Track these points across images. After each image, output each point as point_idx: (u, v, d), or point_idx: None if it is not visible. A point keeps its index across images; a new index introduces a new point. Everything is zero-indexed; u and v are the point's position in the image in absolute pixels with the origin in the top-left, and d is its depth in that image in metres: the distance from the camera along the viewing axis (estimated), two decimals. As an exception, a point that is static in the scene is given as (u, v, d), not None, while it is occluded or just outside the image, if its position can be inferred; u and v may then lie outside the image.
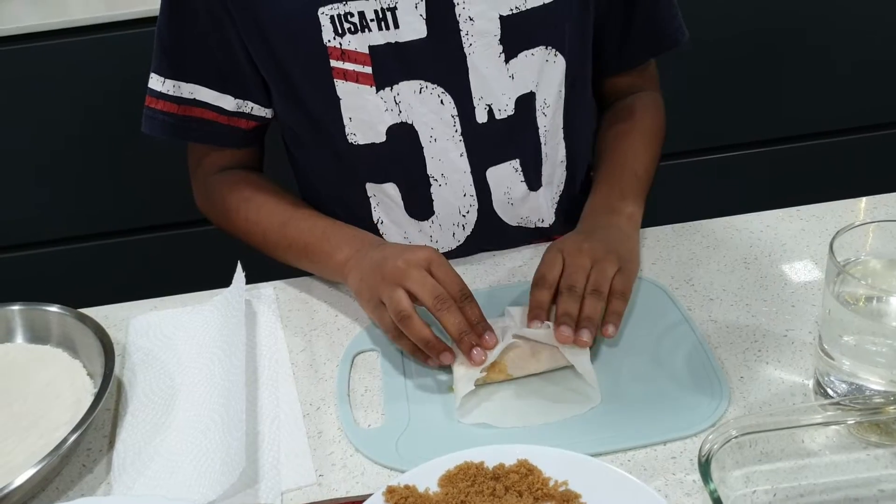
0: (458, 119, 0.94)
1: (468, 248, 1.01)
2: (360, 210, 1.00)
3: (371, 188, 0.99)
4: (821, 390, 0.75)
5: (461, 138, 0.95)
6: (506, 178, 0.98)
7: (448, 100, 0.93)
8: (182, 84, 0.95)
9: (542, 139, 0.98)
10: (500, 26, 0.90)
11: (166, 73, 0.95)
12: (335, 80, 0.91)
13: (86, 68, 1.59)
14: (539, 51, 0.93)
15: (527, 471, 0.69)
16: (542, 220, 1.03)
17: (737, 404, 0.77)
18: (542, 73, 0.95)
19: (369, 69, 0.90)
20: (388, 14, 0.88)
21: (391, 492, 0.67)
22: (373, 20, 0.88)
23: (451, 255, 1.00)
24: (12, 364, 0.86)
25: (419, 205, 0.99)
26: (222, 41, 0.93)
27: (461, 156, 0.96)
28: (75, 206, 1.74)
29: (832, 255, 0.70)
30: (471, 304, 0.82)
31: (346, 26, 0.88)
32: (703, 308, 0.88)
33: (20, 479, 0.69)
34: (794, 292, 0.89)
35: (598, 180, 1.00)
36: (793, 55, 1.77)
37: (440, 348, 0.81)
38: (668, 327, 0.85)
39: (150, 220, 1.78)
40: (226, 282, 0.93)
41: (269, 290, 0.97)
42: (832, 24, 1.74)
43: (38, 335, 0.88)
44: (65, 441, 0.72)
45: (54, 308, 0.88)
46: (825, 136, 1.88)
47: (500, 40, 0.91)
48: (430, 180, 0.97)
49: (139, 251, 1.81)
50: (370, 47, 0.89)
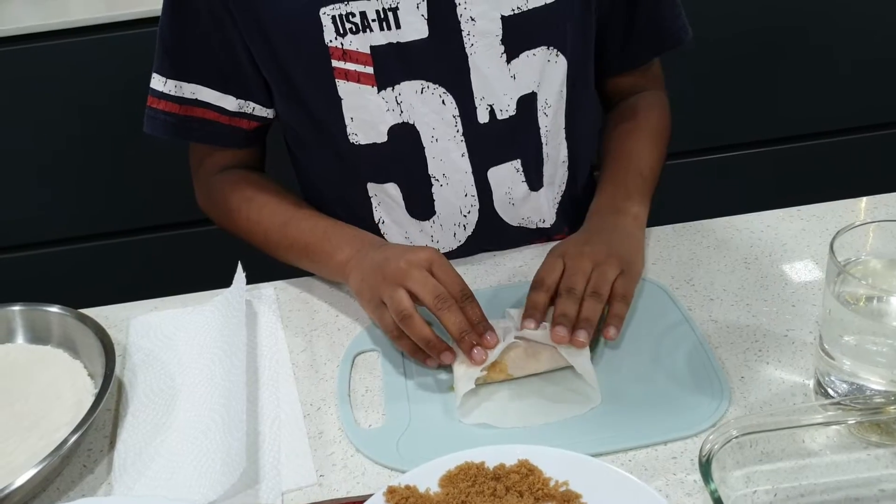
0: (459, 119, 0.94)
1: (469, 249, 1.01)
2: (362, 210, 1.00)
3: (372, 188, 0.99)
4: (821, 390, 0.75)
5: (462, 138, 0.95)
6: (507, 178, 0.98)
7: (449, 100, 0.93)
8: (184, 84, 0.95)
9: (544, 139, 0.98)
10: (501, 26, 0.90)
11: (168, 74, 0.96)
12: (336, 80, 0.91)
13: (87, 69, 1.59)
14: (541, 51, 0.93)
15: (527, 471, 0.69)
16: (543, 221, 1.03)
17: (737, 404, 0.77)
18: (544, 73, 0.95)
19: (371, 69, 0.90)
20: (390, 14, 0.88)
21: (392, 492, 0.67)
22: (374, 20, 0.88)
23: (452, 255, 1.00)
24: (13, 365, 0.86)
25: (420, 205, 0.99)
26: (224, 41, 0.93)
27: (462, 156, 0.96)
28: (76, 206, 1.74)
29: (832, 254, 0.70)
30: (471, 303, 0.82)
31: (348, 26, 0.89)
32: (704, 308, 0.88)
33: (21, 480, 0.69)
34: (794, 292, 0.89)
35: (602, 180, 1.00)
36: (793, 55, 1.76)
37: (441, 348, 0.81)
38: (668, 327, 0.85)
39: (151, 220, 1.78)
40: (226, 282, 0.93)
41: (269, 290, 0.97)
42: (833, 24, 1.74)
43: (38, 336, 0.88)
44: (65, 441, 0.72)
45: (55, 308, 0.88)
46: (825, 135, 1.88)
47: (501, 40, 0.91)
48: (432, 180, 0.97)
49: (139, 251, 1.81)
50: (372, 47, 0.89)
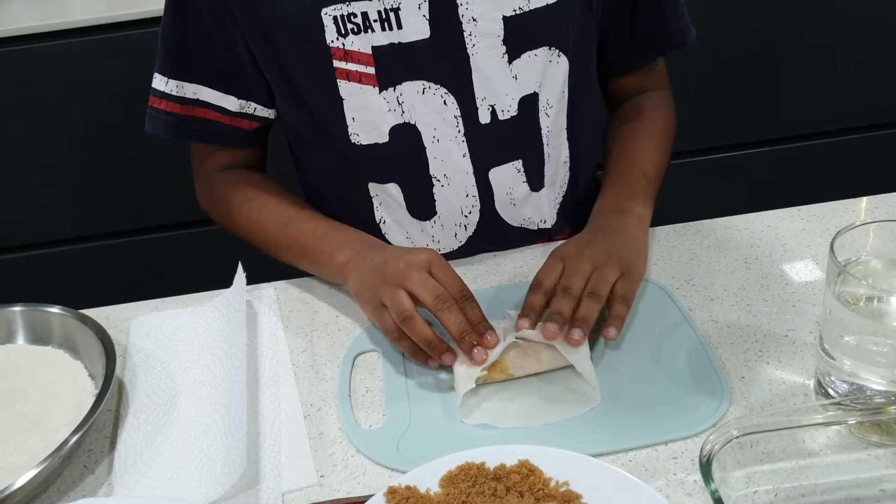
0: (460, 119, 0.94)
1: (470, 249, 1.01)
2: (363, 210, 1.00)
3: (374, 188, 0.99)
4: (822, 390, 0.75)
5: (464, 139, 0.95)
6: (508, 178, 0.98)
7: (451, 100, 0.93)
8: (185, 84, 0.96)
9: (545, 139, 0.98)
10: (503, 27, 0.90)
11: (170, 74, 0.96)
12: (338, 80, 0.91)
13: (87, 69, 1.59)
14: (542, 51, 0.93)
15: (528, 471, 0.69)
16: (544, 221, 1.03)
17: (738, 404, 0.77)
18: (546, 73, 0.95)
19: (372, 70, 0.90)
20: (392, 14, 0.88)
21: (392, 492, 0.67)
22: (376, 21, 0.88)
23: (453, 255, 1.00)
24: (14, 365, 0.86)
25: (421, 205, 0.99)
26: (226, 42, 0.93)
27: (464, 156, 0.96)
28: (76, 207, 1.74)
29: (833, 255, 0.70)
30: (471, 304, 0.82)
31: (350, 27, 0.88)
32: (704, 308, 0.88)
33: (21, 481, 0.69)
34: (794, 292, 0.89)
35: (606, 181, 1.00)
36: (793, 55, 1.76)
37: (442, 348, 0.81)
38: (668, 327, 0.85)
39: (151, 221, 1.78)
40: (227, 282, 0.93)
41: (269, 290, 0.97)
42: (833, 24, 1.73)
43: (39, 336, 0.89)
44: (66, 442, 0.72)
45: (55, 309, 0.88)
46: (826, 135, 1.88)
47: (503, 41, 0.91)
48: (433, 181, 0.97)
49: (140, 252, 1.81)
50: (373, 48, 0.89)
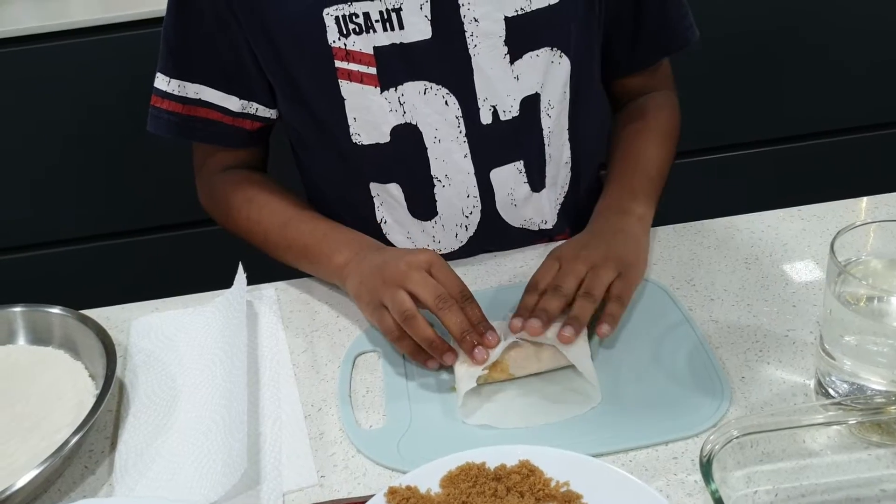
0: (462, 120, 0.94)
1: (471, 249, 1.01)
2: (364, 210, 1.00)
3: (375, 188, 0.99)
4: (822, 390, 0.75)
5: (465, 139, 0.95)
6: (509, 179, 0.98)
7: (453, 101, 0.93)
8: (187, 84, 0.96)
9: (546, 140, 0.98)
10: (505, 27, 0.90)
11: (172, 73, 0.96)
12: (340, 80, 0.91)
13: (87, 70, 1.59)
14: (544, 52, 0.93)
15: (528, 471, 0.69)
16: (545, 222, 1.03)
17: (738, 404, 0.77)
18: (547, 74, 0.95)
19: (374, 70, 0.90)
20: (393, 15, 0.88)
21: (393, 493, 0.67)
22: (378, 21, 0.88)
23: (454, 255, 1.00)
24: (14, 366, 0.86)
25: (422, 205, 0.99)
26: (228, 42, 0.93)
27: (465, 157, 0.96)
28: (76, 207, 1.74)
29: (833, 255, 0.70)
30: (471, 304, 0.82)
31: (351, 27, 0.88)
32: (704, 308, 0.88)
33: (22, 481, 0.69)
34: (795, 292, 0.89)
35: (609, 181, 1.00)
36: (794, 55, 1.76)
37: (443, 349, 0.81)
38: (669, 327, 0.85)
39: (151, 221, 1.78)
40: (227, 283, 0.93)
41: (270, 290, 0.97)
42: (833, 24, 1.73)
43: (39, 337, 0.89)
44: (67, 443, 0.72)
45: (56, 310, 0.88)
46: (826, 135, 1.88)
47: (505, 41, 0.91)
48: (434, 181, 0.97)
49: (140, 252, 1.81)
50: (375, 48, 0.89)
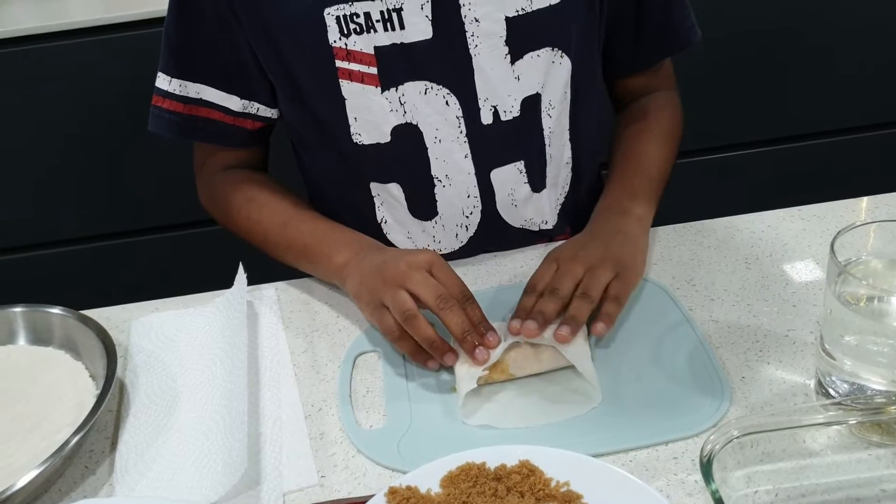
0: (463, 120, 0.94)
1: (471, 250, 1.01)
2: (364, 210, 1.00)
3: (375, 188, 0.99)
4: (822, 390, 0.75)
5: (466, 139, 0.95)
6: (510, 179, 0.98)
7: (453, 101, 0.93)
8: (188, 84, 0.96)
9: (547, 140, 0.98)
10: (505, 27, 0.90)
11: (173, 73, 0.96)
12: (340, 80, 0.91)
13: (88, 70, 1.59)
14: (545, 52, 0.93)
15: (528, 471, 0.69)
16: (545, 222, 1.03)
17: (738, 404, 0.77)
18: (548, 74, 0.94)
19: (374, 70, 0.90)
20: (394, 15, 0.88)
21: (393, 493, 0.67)
22: (378, 21, 0.88)
23: (454, 255, 1.00)
24: (15, 366, 0.86)
25: (423, 205, 0.99)
26: (229, 42, 0.93)
27: (465, 157, 0.96)
28: (77, 208, 1.74)
29: (833, 255, 0.70)
30: (472, 304, 0.82)
31: (352, 27, 0.89)
32: (705, 308, 0.88)
33: (23, 481, 0.69)
34: (795, 292, 0.89)
35: (609, 181, 1.00)
36: (794, 55, 1.76)
37: (444, 349, 0.81)
38: (669, 327, 0.85)
39: (151, 221, 1.78)
40: (227, 283, 0.93)
41: (270, 291, 0.97)
42: (834, 24, 1.73)
43: (40, 337, 0.89)
44: (67, 443, 0.72)
45: (56, 310, 0.88)
46: (826, 135, 1.88)
47: (505, 41, 0.91)
48: (435, 181, 0.97)
49: (141, 253, 1.81)
50: (376, 48, 0.89)
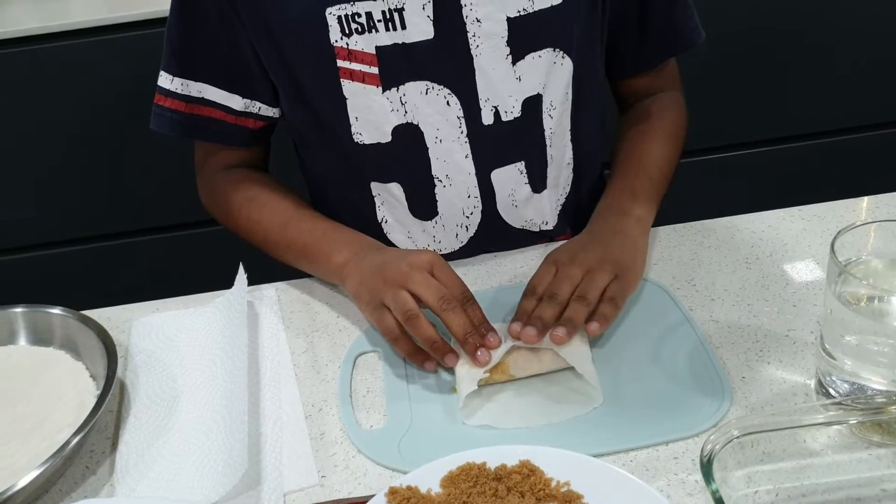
0: (463, 120, 0.94)
1: (471, 250, 1.01)
2: (365, 209, 1.00)
3: (376, 187, 0.99)
4: (823, 390, 0.75)
5: (467, 140, 0.95)
6: (510, 180, 0.98)
7: (454, 101, 0.93)
8: (190, 83, 0.96)
9: (548, 141, 0.98)
10: (507, 28, 0.90)
11: (175, 72, 0.96)
12: (342, 80, 0.91)
13: (88, 71, 1.59)
14: (546, 53, 0.93)
15: (529, 471, 0.69)
16: (546, 223, 1.03)
17: (738, 404, 0.77)
18: (550, 75, 0.94)
19: (376, 69, 0.90)
20: (396, 15, 0.88)
21: (393, 493, 0.67)
22: (380, 21, 0.88)
23: (454, 256, 1.00)
24: (15, 366, 0.86)
25: (423, 205, 0.99)
26: (231, 42, 0.93)
27: (466, 157, 0.96)
28: (76, 208, 1.74)
29: (833, 254, 0.70)
30: (473, 306, 0.82)
31: (354, 27, 0.89)
32: (705, 308, 0.88)
33: (23, 481, 0.69)
34: (795, 292, 0.89)
35: (610, 182, 1.00)
36: (794, 55, 1.76)
37: (445, 350, 0.81)
38: (669, 327, 0.85)
39: (152, 221, 1.78)
40: (228, 283, 0.93)
41: (270, 291, 0.97)
42: (834, 24, 1.73)
43: (40, 337, 0.89)
44: (68, 443, 0.72)
45: (57, 310, 0.88)
46: (826, 135, 1.88)
47: (507, 42, 0.91)
48: (435, 181, 0.97)
49: (141, 253, 1.81)
50: (377, 48, 0.89)
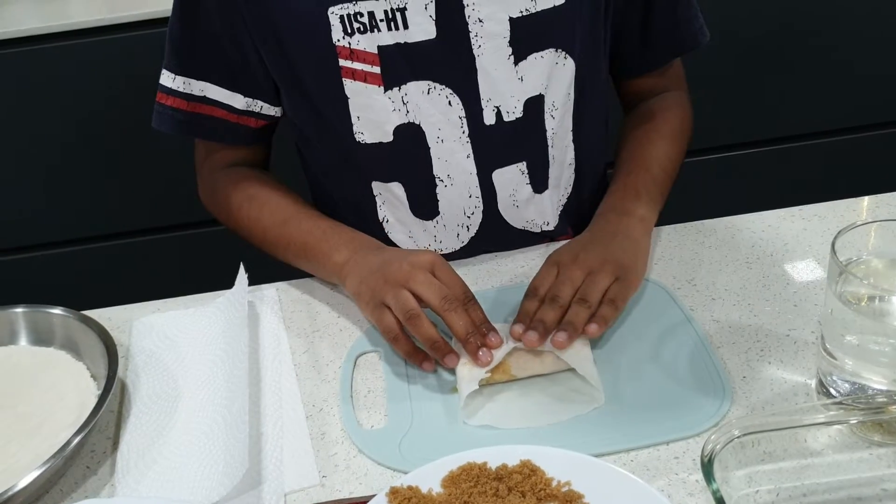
0: (465, 120, 0.94)
1: (472, 250, 1.01)
2: (366, 208, 1.00)
3: (377, 187, 0.99)
4: (823, 390, 0.75)
5: (468, 140, 0.95)
6: (512, 180, 0.98)
7: (456, 101, 0.93)
8: (192, 81, 0.96)
9: (550, 142, 0.98)
10: (509, 28, 0.90)
11: (177, 70, 0.96)
12: (344, 79, 0.91)
13: (88, 70, 1.59)
14: (548, 53, 0.93)
15: (530, 471, 0.69)
16: (547, 223, 1.03)
17: (739, 404, 0.77)
18: (552, 75, 0.94)
19: (378, 69, 0.90)
20: (398, 14, 0.88)
21: (394, 493, 0.67)
22: (382, 20, 0.88)
23: (455, 256, 1.00)
24: (16, 366, 0.86)
25: (424, 205, 0.99)
26: (234, 41, 0.93)
27: (468, 157, 0.96)
28: (77, 208, 1.74)
29: (834, 254, 0.70)
30: (474, 306, 0.82)
31: (356, 26, 0.89)
32: (706, 308, 0.88)
33: (24, 482, 0.69)
34: (796, 292, 0.89)
35: (613, 182, 1.00)
36: (794, 55, 1.76)
37: (445, 350, 0.81)
38: (670, 327, 0.85)
39: (152, 222, 1.78)
40: (228, 283, 0.93)
41: (271, 291, 0.98)
42: (833, 25, 1.74)
43: (41, 337, 0.89)
44: (69, 443, 0.72)
45: (58, 310, 0.88)
46: (827, 135, 1.88)
47: (509, 42, 0.91)
48: (437, 181, 0.97)
49: (141, 253, 1.81)
50: (379, 47, 0.89)
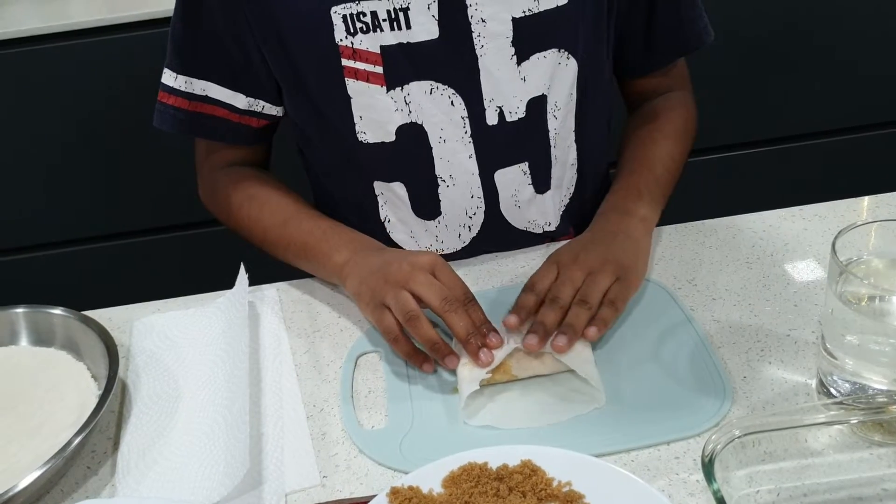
0: (468, 120, 0.94)
1: (473, 250, 1.01)
2: (368, 208, 1.00)
3: (379, 186, 0.99)
4: (824, 390, 0.75)
5: (471, 140, 0.95)
6: (514, 180, 0.98)
7: (459, 101, 0.93)
8: (194, 80, 0.96)
9: (552, 142, 0.98)
10: (512, 28, 0.90)
11: (179, 69, 0.96)
12: (346, 78, 0.91)
13: (88, 71, 1.59)
14: (551, 53, 0.93)
15: (530, 471, 0.69)
16: (548, 224, 1.02)
17: (740, 404, 0.77)
18: (554, 75, 0.94)
19: (380, 69, 0.90)
20: (401, 14, 0.88)
21: (395, 493, 0.67)
22: (385, 20, 0.88)
23: (456, 256, 1.00)
24: (17, 367, 0.86)
25: (426, 205, 0.99)
26: (236, 40, 0.93)
27: (470, 157, 0.96)
28: (77, 208, 1.74)
29: (834, 254, 0.70)
30: (474, 307, 0.82)
31: (359, 26, 0.89)
32: (706, 308, 0.88)
33: (25, 482, 0.69)
34: (796, 292, 0.89)
35: (615, 182, 0.99)
36: (794, 55, 1.76)
37: (445, 351, 0.81)
38: (670, 327, 0.85)
39: (153, 222, 1.78)
40: (229, 283, 0.93)
41: (272, 291, 0.98)
42: (833, 25, 1.74)
43: (42, 338, 0.89)
44: (69, 443, 0.73)
45: (58, 311, 0.88)
46: (827, 135, 1.88)
47: (512, 42, 0.91)
48: (438, 181, 0.97)
49: (142, 253, 1.81)
50: (382, 47, 0.89)
